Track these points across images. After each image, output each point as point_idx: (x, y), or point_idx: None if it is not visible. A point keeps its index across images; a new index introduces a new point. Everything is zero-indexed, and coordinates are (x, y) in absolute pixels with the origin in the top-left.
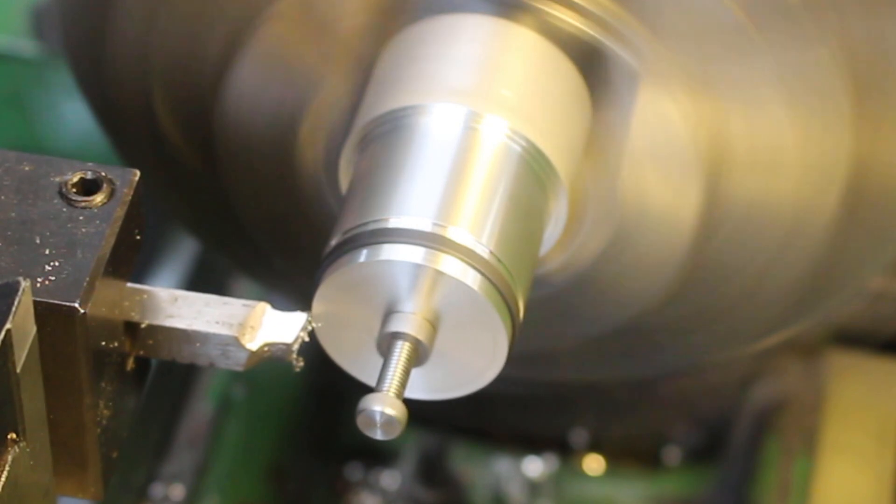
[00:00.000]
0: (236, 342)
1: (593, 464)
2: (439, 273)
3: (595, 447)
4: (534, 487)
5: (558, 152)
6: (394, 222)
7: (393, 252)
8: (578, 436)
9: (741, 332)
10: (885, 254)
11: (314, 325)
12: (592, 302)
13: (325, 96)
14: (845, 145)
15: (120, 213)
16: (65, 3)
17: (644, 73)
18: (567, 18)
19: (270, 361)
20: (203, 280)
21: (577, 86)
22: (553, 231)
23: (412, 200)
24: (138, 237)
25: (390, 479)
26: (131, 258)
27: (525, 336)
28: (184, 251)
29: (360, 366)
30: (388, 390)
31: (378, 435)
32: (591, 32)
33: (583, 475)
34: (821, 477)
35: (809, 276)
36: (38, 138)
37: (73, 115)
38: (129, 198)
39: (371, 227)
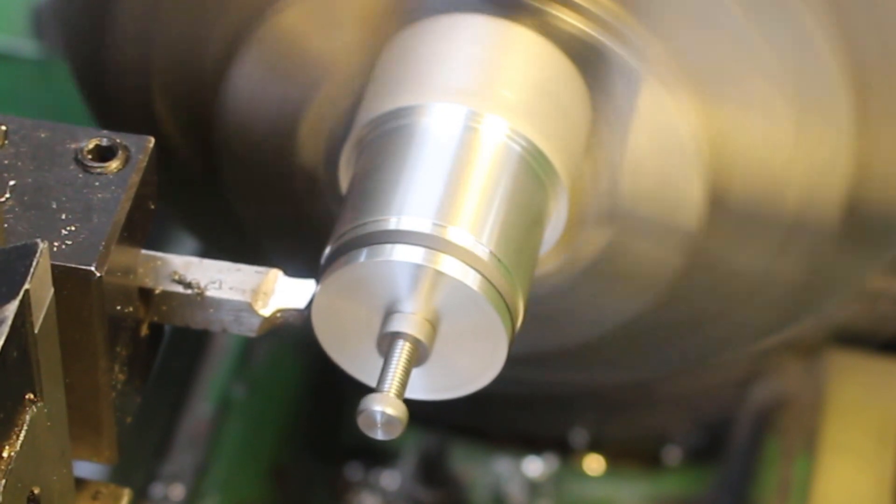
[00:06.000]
0: (249, 308)
1: (593, 464)
2: (439, 273)
3: (595, 447)
4: (534, 487)
5: (558, 152)
6: (394, 223)
7: (393, 252)
8: (578, 436)
9: (741, 333)
10: (885, 254)
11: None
12: (592, 302)
13: (325, 95)
14: (846, 145)
15: (135, 179)
16: (64, 3)
17: (644, 73)
18: (567, 18)
19: (283, 327)
20: None
21: (577, 86)
22: (553, 231)
23: (412, 200)
24: (153, 205)
25: (390, 479)
26: (146, 225)
27: (525, 336)
28: (183, 250)
29: (360, 366)
30: (389, 390)
31: (378, 435)
32: (592, 32)
33: (583, 475)
34: (821, 477)
35: (809, 277)
36: None
37: (73, 116)
38: (144, 164)
39: (371, 227)
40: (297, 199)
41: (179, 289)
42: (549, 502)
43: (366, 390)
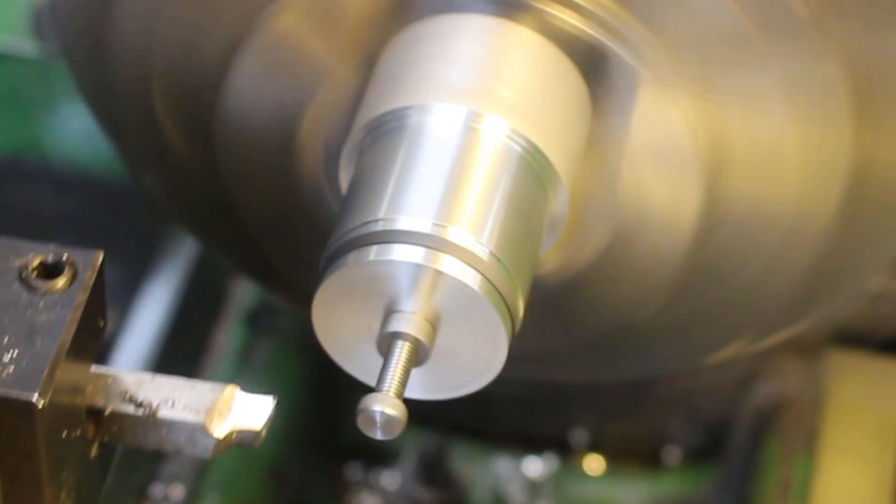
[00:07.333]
0: (203, 429)
1: (593, 464)
2: (439, 273)
3: (595, 447)
4: (534, 487)
5: (558, 152)
6: (394, 222)
7: (393, 252)
8: (578, 436)
9: (741, 333)
10: (885, 254)
11: (315, 329)
12: (592, 302)
13: (325, 96)
14: (845, 148)
15: (82, 298)
16: (64, 3)
17: (645, 74)
18: (568, 19)
19: (238, 447)
20: (203, 280)
21: (577, 86)
22: (553, 231)
23: (412, 200)
24: (102, 322)
25: (390, 479)
26: (94, 343)
27: (524, 336)
28: (184, 251)
29: (360, 366)
30: (388, 390)
31: (378, 435)
32: (592, 33)
33: (583, 475)
34: (821, 477)
35: (809, 276)
36: (38, 138)
37: (73, 116)
38: (92, 281)
39: (371, 227)
40: (298, 200)
41: (130, 409)
42: (549, 502)
43: (366, 390)
